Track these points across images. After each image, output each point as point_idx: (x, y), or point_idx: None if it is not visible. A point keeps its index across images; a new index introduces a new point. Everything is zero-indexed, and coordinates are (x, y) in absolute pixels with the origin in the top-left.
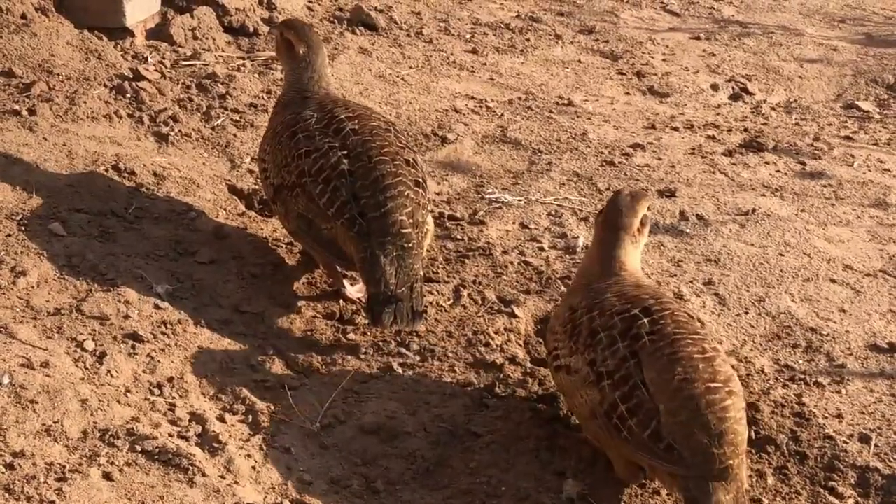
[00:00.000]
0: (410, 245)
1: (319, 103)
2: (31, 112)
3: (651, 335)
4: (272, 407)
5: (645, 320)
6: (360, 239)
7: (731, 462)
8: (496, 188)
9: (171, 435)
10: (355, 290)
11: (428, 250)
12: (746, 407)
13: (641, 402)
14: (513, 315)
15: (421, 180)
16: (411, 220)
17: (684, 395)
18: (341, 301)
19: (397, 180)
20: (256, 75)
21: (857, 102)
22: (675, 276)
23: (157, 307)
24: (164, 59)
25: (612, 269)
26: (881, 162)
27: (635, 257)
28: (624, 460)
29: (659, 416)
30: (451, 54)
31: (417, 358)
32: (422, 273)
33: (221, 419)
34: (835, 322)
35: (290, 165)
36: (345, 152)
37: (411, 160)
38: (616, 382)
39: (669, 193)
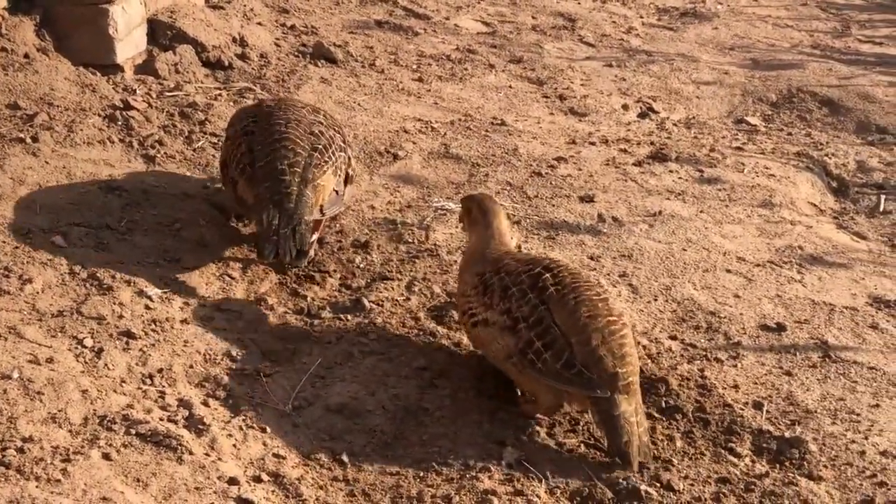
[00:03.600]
0: (290, 191)
1: (260, 104)
2: (35, 139)
3: (555, 286)
4: (249, 392)
5: (548, 275)
6: (250, 185)
7: (631, 379)
8: (441, 197)
9: (161, 419)
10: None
11: (324, 207)
12: (657, 380)
13: (555, 338)
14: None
15: (323, 145)
16: (294, 170)
17: (591, 328)
18: (309, 298)
19: (284, 137)
20: (231, 103)
21: (746, 118)
22: (595, 269)
23: (147, 307)
24: (150, 90)
25: (499, 241)
26: (767, 168)
27: (508, 226)
28: (544, 393)
29: (571, 349)
30: (401, 82)
31: (376, 345)
32: (308, 219)
33: (206, 404)
34: (731, 306)
35: (225, 137)
36: (254, 119)
37: (318, 131)
38: (531, 325)
39: (588, 199)
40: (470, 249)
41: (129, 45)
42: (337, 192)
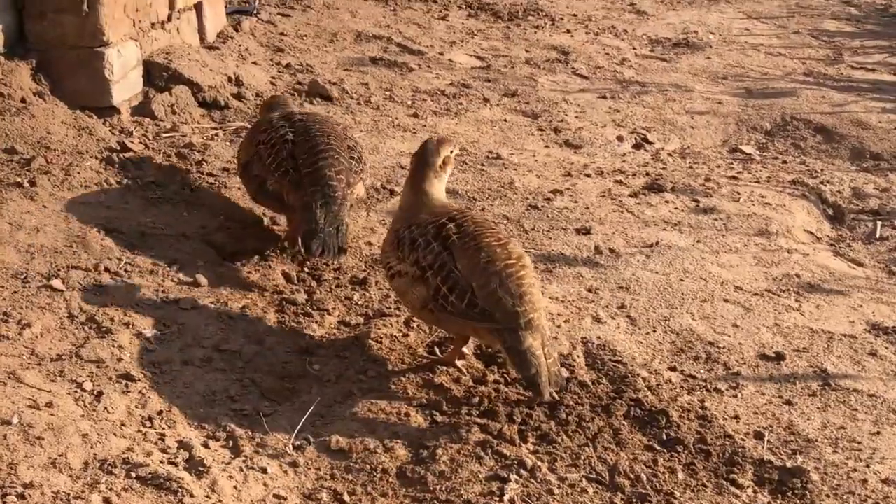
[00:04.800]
0: (336, 195)
1: (289, 113)
2: (32, 183)
3: (457, 234)
4: (250, 432)
5: (451, 225)
6: (295, 188)
7: (532, 316)
8: None
9: (161, 462)
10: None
11: (354, 207)
12: (658, 412)
13: (457, 281)
14: None
15: (356, 157)
16: (339, 177)
17: (489, 271)
18: (308, 336)
19: (329, 147)
20: (228, 143)
21: (740, 147)
22: (593, 301)
23: (146, 349)
24: (147, 132)
25: (421, 196)
26: (763, 197)
27: (439, 188)
28: (458, 334)
29: (473, 291)
30: (396, 118)
31: (376, 383)
32: (347, 221)
33: (206, 445)
34: (729, 336)
35: (250, 141)
36: (292, 129)
37: (351, 145)
38: (436, 271)
39: (585, 231)
40: (397, 210)
41: (125, 87)
42: (359, 197)
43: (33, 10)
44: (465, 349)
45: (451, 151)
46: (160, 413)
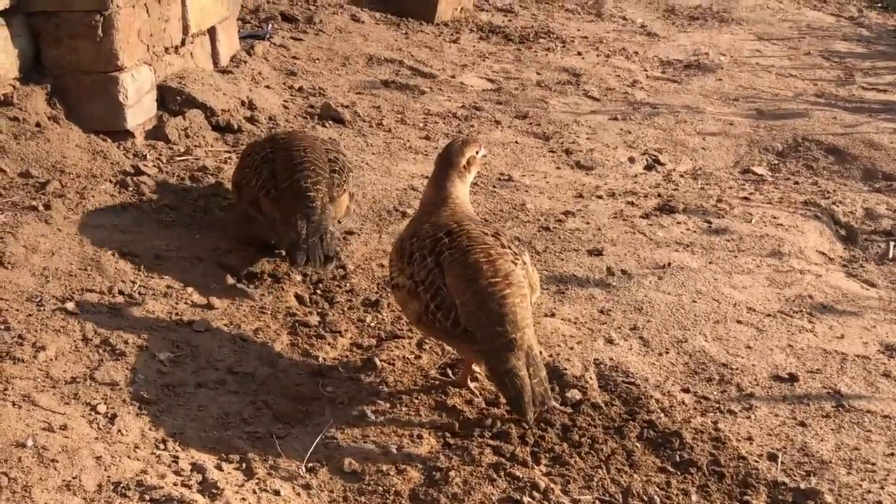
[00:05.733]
0: (314, 206)
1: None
2: (47, 207)
3: (450, 249)
4: (263, 454)
5: (446, 239)
6: (276, 203)
7: (514, 336)
8: None
9: (175, 484)
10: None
11: (341, 220)
12: (671, 434)
13: (444, 299)
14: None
15: (338, 168)
16: (317, 188)
17: (471, 290)
18: (320, 358)
19: (305, 160)
20: None
21: (752, 168)
22: (605, 323)
23: (160, 372)
24: (160, 155)
25: (443, 197)
26: (775, 218)
27: (463, 190)
28: (456, 350)
29: (456, 309)
30: (408, 141)
31: (387, 405)
32: (332, 230)
33: (219, 468)
34: (742, 357)
35: (240, 165)
36: (272, 149)
37: (333, 157)
38: (427, 287)
39: (597, 252)
40: (422, 201)
41: (140, 111)
42: (349, 207)
43: (49, 36)
44: (476, 370)
45: (477, 152)
46: (174, 435)
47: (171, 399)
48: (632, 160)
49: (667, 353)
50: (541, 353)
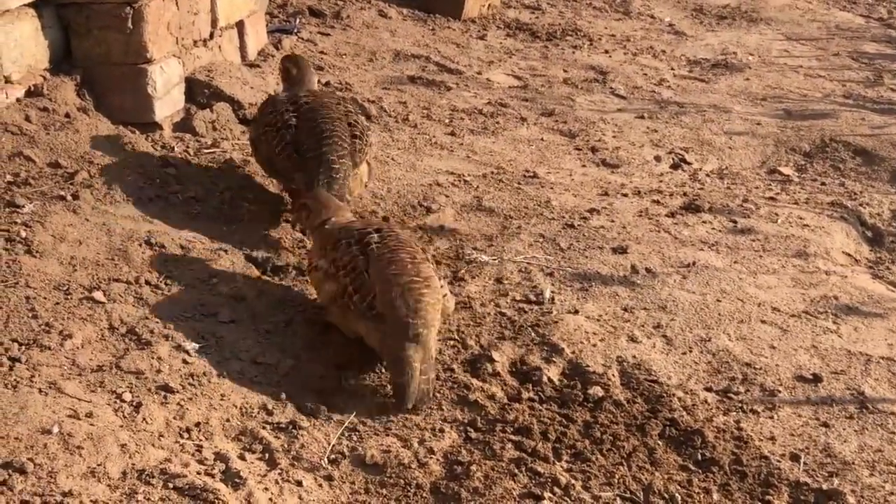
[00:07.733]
0: (338, 177)
1: (294, 95)
2: (75, 197)
3: (378, 244)
4: (285, 445)
5: (375, 235)
6: (300, 170)
7: (421, 331)
8: (474, 250)
9: (198, 473)
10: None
11: (365, 186)
12: (693, 432)
13: (363, 283)
14: (490, 359)
15: (358, 134)
16: (342, 160)
17: (393, 282)
18: (343, 350)
19: (333, 133)
20: None
21: (779, 168)
22: (629, 321)
23: (185, 362)
24: (188, 147)
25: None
26: (801, 219)
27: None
28: (353, 334)
29: (374, 294)
30: (433, 137)
31: None
32: (349, 199)
33: (242, 458)
34: (766, 357)
35: (259, 121)
36: (295, 115)
37: (353, 122)
38: (348, 271)
39: (621, 250)
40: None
41: (168, 103)
42: (369, 164)
43: (79, 28)
44: (497, 365)
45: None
46: (198, 425)
47: (195, 389)
48: (658, 159)
49: (690, 351)
50: (436, 361)
